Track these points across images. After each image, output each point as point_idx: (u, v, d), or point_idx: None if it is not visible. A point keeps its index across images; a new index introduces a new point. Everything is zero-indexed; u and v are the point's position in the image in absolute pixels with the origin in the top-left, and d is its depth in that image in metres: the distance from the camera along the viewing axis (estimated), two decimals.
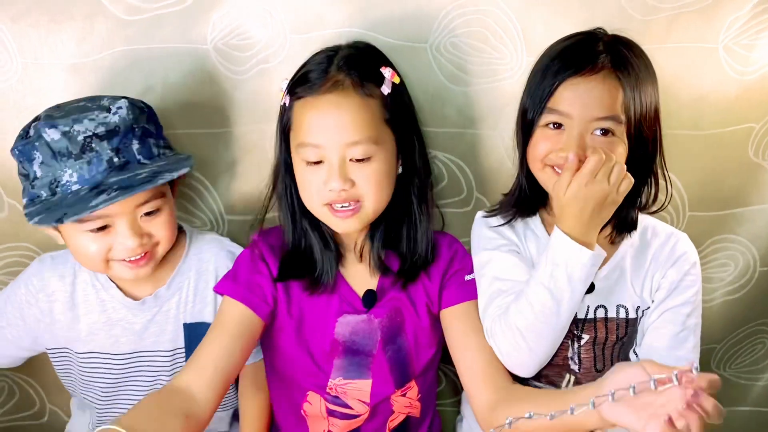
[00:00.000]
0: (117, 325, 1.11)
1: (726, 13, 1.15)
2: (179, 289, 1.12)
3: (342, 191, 0.99)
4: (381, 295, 1.09)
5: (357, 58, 1.02)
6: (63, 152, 0.96)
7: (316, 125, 0.98)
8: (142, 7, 1.10)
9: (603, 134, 0.97)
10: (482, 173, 1.23)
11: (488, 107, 1.19)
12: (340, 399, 1.10)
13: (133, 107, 1.01)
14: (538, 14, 1.14)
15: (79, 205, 0.94)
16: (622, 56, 0.99)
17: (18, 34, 1.11)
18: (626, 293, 1.06)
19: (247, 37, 1.14)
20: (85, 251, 1.01)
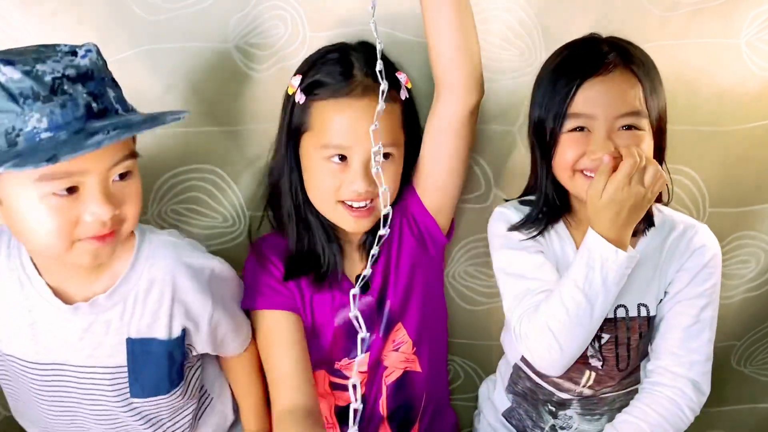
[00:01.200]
0: (44, 330, 0.94)
1: (748, 8, 1.14)
2: (123, 300, 0.95)
3: (366, 191, 1.01)
4: (372, 277, 1.12)
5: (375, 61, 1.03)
6: (27, 94, 0.78)
7: (346, 129, 1.00)
8: (165, 6, 1.12)
9: (628, 129, 0.97)
10: (501, 169, 1.24)
11: (507, 103, 1.19)
12: (341, 372, 1.15)
13: (100, 55, 0.87)
14: (558, 10, 1.14)
15: (70, 145, 0.78)
16: (629, 52, 0.99)
17: (44, 34, 1.12)
18: (645, 290, 1.05)
19: (267, 35, 1.15)
20: (45, 226, 0.82)
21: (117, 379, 0.99)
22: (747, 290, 1.33)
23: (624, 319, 1.05)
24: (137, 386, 0.99)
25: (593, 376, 1.09)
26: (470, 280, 1.30)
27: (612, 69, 0.97)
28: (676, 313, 1.03)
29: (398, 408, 1.18)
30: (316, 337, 1.12)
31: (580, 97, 0.98)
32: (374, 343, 1.13)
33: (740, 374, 1.42)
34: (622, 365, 1.07)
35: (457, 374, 1.39)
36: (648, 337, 1.07)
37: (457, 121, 1.02)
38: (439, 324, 1.22)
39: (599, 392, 1.11)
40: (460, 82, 1.00)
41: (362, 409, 1.13)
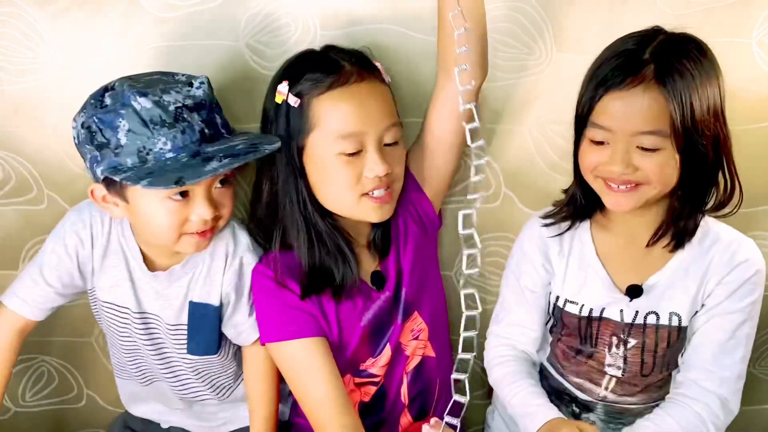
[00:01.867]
0: (137, 284, 1.13)
1: (759, 8, 1.13)
2: (193, 269, 1.13)
3: (384, 176, 1.03)
4: (386, 271, 1.13)
5: (355, 53, 1.07)
6: (156, 121, 0.97)
7: (355, 113, 1.01)
8: (177, 5, 1.13)
9: (647, 150, 0.94)
10: (511, 169, 1.24)
11: (518, 103, 1.19)
12: (367, 371, 1.16)
13: (210, 85, 1.04)
14: (568, 10, 1.14)
15: (192, 170, 0.96)
16: (669, 64, 0.94)
17: (58, 32, 1.14)
18: (680, 300, 1.03)
19: (278, 34, 1.16)
20: (161, 223, 1.02)
21: (179, 336, 1.15)
22: None
23: (654, 325, 1.04)
24: (193, 344, 1.15)
25: (613, 380, 1.09)
26: (479, 279, 1.30)
27: (640, 82, 0.93)
28: (712, 327, 1.01)
29: (418, 395, 1.19)
30: (344, 347, 1.13)
31: (602, 106, 0.96)
32: (393, 333, 1.14)
33: (750, 375, 1.40)
34: (646, 371, 1.07)
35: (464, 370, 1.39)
36: (677, 348, 1.05)
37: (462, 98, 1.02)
38: (441, 305, 1.23)
39: (623, 400, 1.10)
40: (470, 61, 0.97)
41: (384, 401, 1.16)
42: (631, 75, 0.93)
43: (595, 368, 1.09)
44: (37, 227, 1.26)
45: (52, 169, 1.22)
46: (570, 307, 1.08)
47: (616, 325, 1.05)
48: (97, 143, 1.00)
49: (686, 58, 0.94)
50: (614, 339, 1.06)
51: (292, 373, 1.09)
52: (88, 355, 1.38)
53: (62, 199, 1.24)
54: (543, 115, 1.20)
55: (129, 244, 1.12)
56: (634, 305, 1.04)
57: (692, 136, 0.93)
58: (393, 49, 1.16)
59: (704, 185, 0.99)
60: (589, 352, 1.09)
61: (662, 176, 0.96)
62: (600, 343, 1.07)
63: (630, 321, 1.05)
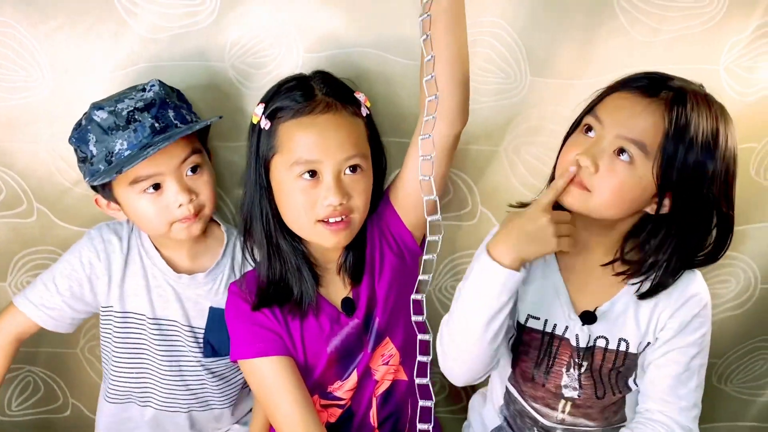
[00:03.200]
0: (154, 290, 1.20)
1: (727, 36, 1.17)
2: (214, 280, 1.21)
3: (339, 205, 1.04)
4: (357, 298, 1.14)
5: (334, 84, 1.09)
6: (112, 127, 1.08)
7: (314, 143, 1.03)
8: (165, 26, 1.16)
9: (621, 156, 0.94)
10: (487, 188, 1.28)
11: (494, 125, 1.23)
12: (333, 394, 1.17)
13: (163, 86, 1.13)
14: (542, 36, 1.17)
15: (132, 158, 1.06)
16: (688, 100, 0.94)
17: (50, 50, 1.17)
18: (630, 328, 1.05)
19: (262, 55, 1.19)
20: (147, 214, 1.11)
21: (197, 339, 1.22)
22: (728, 309, 1.36)
23: (603, 349, 1.06)
24: (209, 347, 1.22)
25: (569, 404, 1.11)
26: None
27: (651, 96, 0.95)
28: (667, 360, 1.04)
29: (388, 417, 1.20)
30: (310, 370, 1.15)
31: (608, 100, 0.98)
32: (363, 359, 1.15)
33: (721, 392, 1.45)
34: (599, 393, 1.09)
35: (442, 387, 1.42)
36: (624, 372, 1.08)
37: (443, 144, 1.05)
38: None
39: (582, 422, 1.12)
40: (450, 109, 1.02)
41: (351, 422, 1.18)
42: (649, 88, 0.95)
43: (552, 392, 1.10)
44: (26, 240, 1.30)
45: (42, 183, 1.25)
46: (532, 322, 1.09)
47: (572, 348, 1.07)
48: (80, 158, 1.12)
49: (710, 108, 0.95)
50: (571, 361, 1.08)
51: (260, 389, 1.12)
52: (74, 366, 1.41)
53: (51, 213, 1.27)
54: (518, 137, 1.23)
55: (149, 253, 1.20)
56: (587, 329, 1.06)
57: (680, 180, 0.93)
58: (372, 71, 1.19)
59: (685, 235, 0.99)
60: (542, 379, 1.10)
61: (614, 191, 0.95)
62: (558, 363, 1.09)
63: (584, 345, 1.07)
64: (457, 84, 1.01)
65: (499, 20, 1.16)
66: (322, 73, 1.12)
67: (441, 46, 0.97)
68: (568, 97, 1.17)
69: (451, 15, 0.97)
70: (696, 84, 1.00)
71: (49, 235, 1.28)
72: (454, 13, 0.97)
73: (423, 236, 1.16)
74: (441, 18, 0.96)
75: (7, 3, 1.13)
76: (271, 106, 1.07)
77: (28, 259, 1.31)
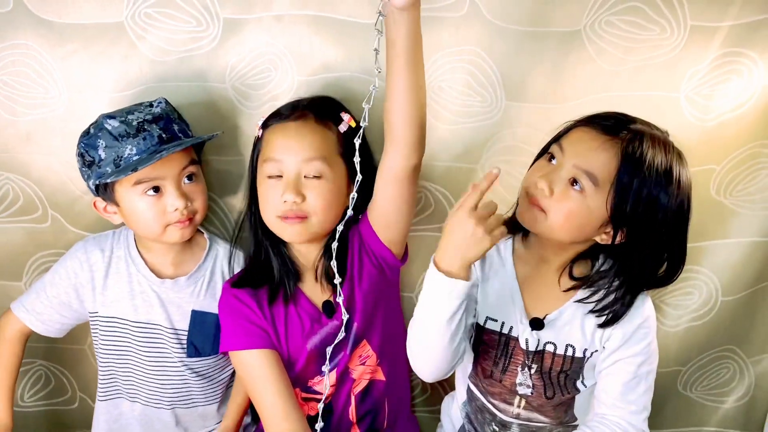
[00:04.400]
0: (138, 296, 1.29)
1: (686, 66, 1.27)
2: (195, 283, 1.30)
3: (294, 203, 1.14)
4: (337, 302, 1.22)
5: (320, 101, 1.21)
6: (123, 134, 1.17)
7: (280, 144, 1.16)
8: (171, 50, 1.27)
9: (574, 188, 1.02)
10: None
11: (471, 144, 1.32)
12: (313, 389, 1.27)
13: (168, 104, 1.24)
14: (516, 63, 1.26)
15: (146, 161, 1.15)
16: (644, 144, 1.01)
17: (66, 72, 1.28)
18: (576, 335, 1.13)
19: (260, 78, 1.29)
20: (145, 215, 1.20)
21: (180, 340, 1.31)
22: (690, 320, 1.44)
23: (551, 353, 1.14)
24: (191, 348, 1.31)
25: (524, 400, 1.19)
26: None
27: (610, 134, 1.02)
28: (616, 369, 1.11)
29: (366, 414, 1.29)
30: (292, 363, 1.24)
31: (572, 134, 1.06)
32: (342, 360, 1.24)
33: (687, 399, 1.53)
34: (548, 393, 1.17)
35: (424, 388, 1.51)
36: (572, 375, 1.15)
37: (402, 174, 1.11)
38: (399, 336, 1.33)
39: (536, 417, 1.20)
40: (406, 143, 1.08)
41: (331, 417, 1.27)
42: (609, 127, 1.03)
43: (508, 389, 1.19)
44: (40, 243, 1.40)
45: (56, 191, 1.36)
46: (491, 324, 1.18)
47: (522, 351, 1.16)
48: (87, 162, 1.20)
49: (665, 154, 1.03)
50: (523, 363, 1.16)
51: (246, 379, 1.22)
52: (81, 361, 1.50)
53: (64, 219, 1.38)
54: (494, 155, 1.32)
55: (135, 260, 1.29)
56: (535, 335, 1.14)
57: (633, 216, 1.01)
58: (360, 93, 1.28)
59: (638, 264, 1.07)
60: (499, 376, 1.19)
61: (565, 215, 1.03)
62: (513, 362, 1.17)
63: (533, 349, 1.14)
64: (412, 122, 1.06)
65: (477, 49, 1.25)
66: (322, 97, 1.23)
67: (399, 86, 1.03)
68: (540, 120, 1.27)
69: (406, 58, 1.01)
70: (661, 130, 1.07)
71: (62, 239, 1.39)
72: (410, 57, 1.01)
73: (404, 250, 1.27)
74: (399, 59, 1.01)
75: (29, 28, 1.24)
76: (266, 119, 1.21)
77: (42, 261, 1.42)
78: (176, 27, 1.25)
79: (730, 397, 1.53)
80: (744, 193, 1.36)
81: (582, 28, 1.23)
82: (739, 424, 1.55)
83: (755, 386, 1.52)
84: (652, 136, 1.04)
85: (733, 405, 1.54)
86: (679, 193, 1.04)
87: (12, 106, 1.30)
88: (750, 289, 1.43)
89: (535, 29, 1.24)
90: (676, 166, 1.03)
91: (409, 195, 1.16)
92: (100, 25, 1.25)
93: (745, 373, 1.51)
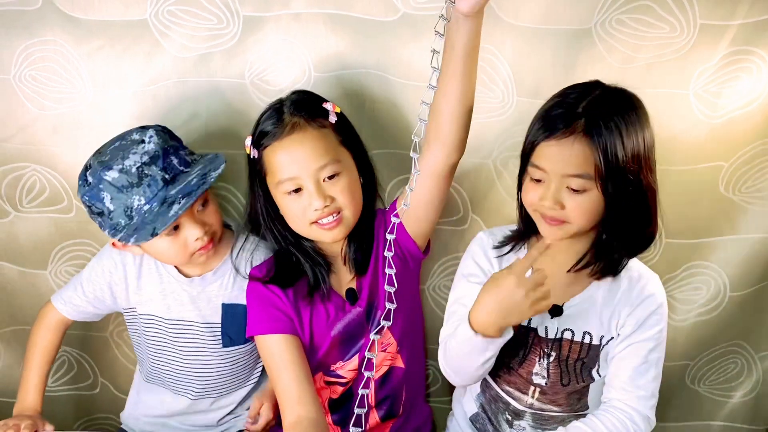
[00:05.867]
0: (169, 295, 1.33)
1: (696, 64, 1.28)
2: (222, 276, 1.32)
3: (325, 207, 1.18)
4: (360, 289, 1.28)
5: (301, 101, 1.22)
6: (125, 185, 1.17)
7: (288, 162, 1.17)
8: (192, 47, 1.31)
9: (575, 191, 1.06)
10: (477, 196, 1.40)
11: (484, 139, 1.35)
12: (336, 373, 1.31)
13: (158, 133, 1.21)
14: (528, 61, 1.29)
15: (161, 218, 1.16)
16: (598, 118, 1.04)
17: (91, 67, 1.32)
18: (593, 322, 1.17)
19: (278, 74, 1.33)
20: (168, 252, 1.23)
21: (214, 333, 1.34)
22: (699, 314, 1.47)
23: (569, 340, 1.18)
24: (227, 338, 1.34)
25: (537, 390, 1.22)
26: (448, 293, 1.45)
27: (570, 134, 1.05)
28: (627, 354, 1.14)
29: (385, 398, 1.34)
30: (315, 348, 1.29)
31: (539, 151, 1.09)
32: (363, 345, 1.29)
33: (695, 392, 1.55)
34: (564, 381, 1.20)
35: (435, 378, 1.54)
36: (588, 363, 1.18)
37: (441, 170, 1.16)
38: (417, 325, 1.38)
39: (548, 408, 1.23)
40: (451, 139, 1.12)
41: (351, 401, 1.32)
42: (565, 127, 1.05)
43: (523, 378, 1.22)
44: (65, 233, 1.45)
45: None
46: None
47: (541, 339, 1.19)
48: (96, 213, 1.21)
49: (615, 113, 1.05)
50: (541, 351, 1.19)
51: (268, 362, 1.26)
52: (103, 348, 1.56)
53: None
54: (505, 150, 1.36)
55: (165, 265, 1.33)
56: (554, 323, 1.18)
57: (615, 181, 1.05)
58: (375, 89, 1.33)
59: (627, 224, 1.10)
60: (516, 366, 1.22)
61: (584, 215, 1.08)
62: (532, 352, 1.20)
63: (552, 336, 1.18)
64: (460, 123, 1.11)
65: (490, 47, 1.28)
66: (295, 93, 1.25)
67: (453, 89, 1.06)
68: None
69: (464, 62, 1.05)
70: (595, 86, 1.09)
71: (86, 229, 1.44)
72: (467, 61, 1.05)
73: (427, 243, 1.31)
74: (457, 62, 1.04)
75: (57, 25, 1.29)
76: (255, 137, 1.22)
77: (66, 251, 1.47)
78: (198, 24, 1.29)
79: (737, 392, 1.55)
80: (753, 190, 1.38)
81: (593, 26, 1.26)
82: (746, 418, 1.57)
83: (762, 381, 1.54)
84: (596, 101, 1.07)
85: (740, 399, 1.55)
86: (641, 141, 1.06)
87: (40, 101, 1.35)
88: (758, 284, 1.45)
89: (546, 27, 1.27)
90: (634, 118, 1.06)
91: (443, 191, 1.20)
92: (124, 23, 1.29)
93: (752, 368, 1.53)
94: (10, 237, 1.46)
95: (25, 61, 1.32)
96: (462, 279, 1.25)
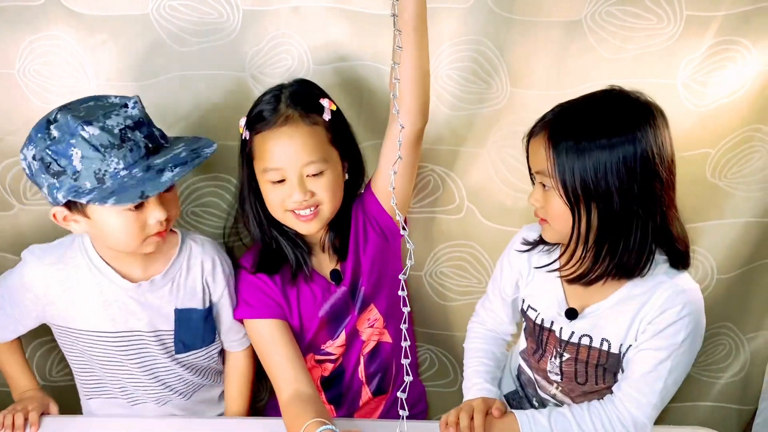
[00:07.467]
0: (113, 305, 1.25)
1: (682, 55, 1.32)
2: (172, 279, 1.27)
3: (303, 201, 1.21)
4: (343, 270, 1.32)
5: (300, 93, 1.24)
6: (105, 144, 1.07)
7: (276, 153, 1.20)
8: (194, 41, 1.33)
9: (545, 188, 1.09)
10: (472, 185, 1.44)
11: (478, 129, 1.39)
12: (325, 351, 1.36)
13: (139, 102, 1.16)
14: (521, 51, 1.33)
15: (150, 183, 1.08)
16: (562, 127, 1.06)
17: (95, 60, 1.34)
18: (612, 330, 1.14)
19: (277, 67, 1.36)
20: (122, 230, 1.14)
21: (165, 342, 1.29)
22: None
23: (587, 346, 1.17)
24: (180, 345, 1.31)
25: (555, 384, 1.25)
26: (445, 279, 1.50)
27: (537, 134, 1.10)
28: (639, 359, 1.11)
29: (374, 373, 1.39)
30: (304, 331, 1.33)
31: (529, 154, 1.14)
32: (350, 322, 1.33)
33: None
34: (580, 380, 1.21)
35: (432, 362, 1.58)
36: (609, 368, 1.17)
37: (408, 138, 1.20)
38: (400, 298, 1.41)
39: (568, 402, 1.25)
40: (414, 106, 1.17)
41: (343, 376, 1.36)
42: (539, 127, 1.11)
43: (543, 371, 1.25)
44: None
45: None
46: (530, 312, 1.24)
47: (555, 339, 1.21)
48: (53, 172, 1.09)
49: (588, 126, 1.04)
50: (554, 351, 1.21)
51: (258, 346, 1.30)
52: None
53: None
54: (500, 140, 1.39)
55: (101, 269, 1.23)
56: (572, 326, 1.17)
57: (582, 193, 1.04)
58: (371, 81, 1.36)
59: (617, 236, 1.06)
60: (537, 359, 1.26)
61: (555, 215, 1.09)
62: (547, 350, 1.23)
63: (566, 338, 1.18)
64: (418, 88, 1.17)
65: (483, 38, 1.32)
66: (297, 83, 1.28)
67: (406, 55, 1.12)
68: (544, 106, 1.28)
69: (413, 26, 1.11)
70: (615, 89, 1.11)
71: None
72: (417, 26, 1.12)
73: (403, 219, 1.33)
74: (407, 27, 1.11)
75: (61, 20, 1.31)
76: (249, 119, 1.25)
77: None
78: (198, 18, 1.32)
79: (726, 373, 1.59)
80: (738, 176, 1.42)
81: (583, 18, 1.29)
82: (734, 398, 1.61)
83: (750, 362, 1.58)
84: (576, 101, 1.09)
85: (728, 380, 1.60)
86: (623, 139, 1.03)
87: (44, 95, 1.36)
88: (744, 267, 1.49)
89: (538, 19, 1.30)
90: (609, 114, 1.05)
91: (413, 160, 1.25)
92: (126, 17, 1.31)
93: (740, 349, 1.57)
94: (14, 230, 1.48)
95: (30, 56, 1.34)
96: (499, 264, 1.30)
